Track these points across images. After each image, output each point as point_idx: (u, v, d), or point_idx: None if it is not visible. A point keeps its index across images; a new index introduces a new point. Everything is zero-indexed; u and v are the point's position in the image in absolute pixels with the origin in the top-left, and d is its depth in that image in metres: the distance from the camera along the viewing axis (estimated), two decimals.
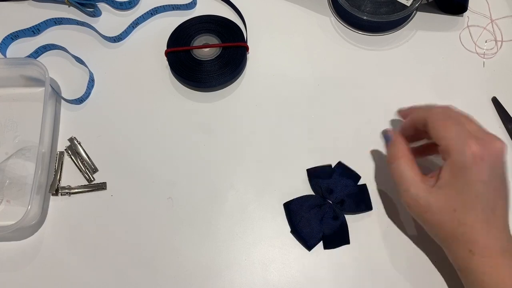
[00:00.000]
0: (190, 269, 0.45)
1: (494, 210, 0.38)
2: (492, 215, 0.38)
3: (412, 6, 0.53)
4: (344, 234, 0.46)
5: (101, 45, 0.56)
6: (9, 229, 0.43)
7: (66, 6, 0.58)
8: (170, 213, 0.47)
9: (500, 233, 0.38)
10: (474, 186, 0.37)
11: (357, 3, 0.53)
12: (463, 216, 0.37)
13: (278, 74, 0.54)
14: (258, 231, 0.47)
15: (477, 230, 0.37)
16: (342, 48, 0.55)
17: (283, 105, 0.52)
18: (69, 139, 0.50)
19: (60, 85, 0.53)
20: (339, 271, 0.45)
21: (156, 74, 0.54)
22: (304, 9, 0.57)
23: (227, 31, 0.54)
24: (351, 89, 0.53)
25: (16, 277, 0.45)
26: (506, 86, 0.52)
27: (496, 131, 0.50)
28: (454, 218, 0.38)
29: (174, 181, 0.49)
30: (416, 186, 0.39)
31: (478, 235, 0.37)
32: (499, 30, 0.55)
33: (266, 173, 0.49)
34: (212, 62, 0.52)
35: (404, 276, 0.44)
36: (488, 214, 0.37)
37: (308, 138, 0.50)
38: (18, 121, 0.51)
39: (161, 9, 0.57)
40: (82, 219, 0.47)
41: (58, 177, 0.49)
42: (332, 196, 0.47)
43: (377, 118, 0.51)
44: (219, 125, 0.51)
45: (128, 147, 0.50)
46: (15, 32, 0.55)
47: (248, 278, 0.45)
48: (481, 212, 0.37)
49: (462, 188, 0.37)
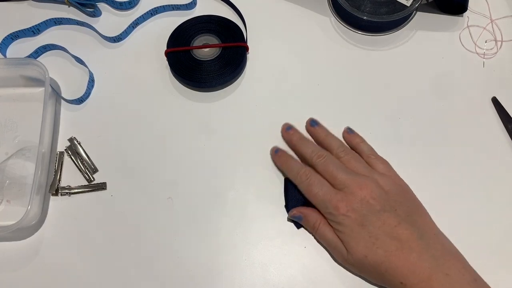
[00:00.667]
0: (190, 269, 0.45)
1: (398, 238, 0.39)
2: (400, 243, 0.39)
3: (412, 6, 0.53)
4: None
5: (101, 45, 0.56)
6: (9, 229, 0.43)
7: (66, 6, 0.58)
8: (170, 213, 0.47)
9: (419, 255, 0.39)
10: (359, 231, 0.40)
11: (357, 3, 0.53)
12: (375, 257, 0.39)
13: (278, 74, 0.54)
14: (258, 231, 0.47)
15: (395, 263, 0.39)
16: (342, 48, 0.55)
17: (283, 105, 0.52)
18: (69, 139, 0.50)
19: (60, 85, 0.53)
20: (339, 271, 0.45)
21: (156, 74, 0.54)
22: (304, 9, 0.57)
23: (227, 31, 0.54)
24: (351, 89, 0.53)
25: (16, 277, 0.45)
26: (506, 86, 0.52)
27: (496, 131, 0.50)
28: (370, 262, 0.40)
29: (174, 181, 0.49)
30: (339, 246, 0.42)
31: (400, 267, 0.38)
32: (499, 30, 0.55)
33: (266, 173, 0.49)
34: (212, 62, 0.52)
35: None
36: (395, 245, 0.39)
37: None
38: (18, 121, 0.51)
39: (161, 9, 0.57)
40: (82, 219, 0.47)
41: (58, 177, 0.49)
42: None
43: (377, 118, 0.51)
44: (219, 125, 0.51)
45: (128, 147, 0.50)
46: (15, 32, 0.55)
47: (248, 278, 0.45)
48: (386, 246, 0.39)
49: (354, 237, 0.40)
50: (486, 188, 0.48)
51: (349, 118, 0.51)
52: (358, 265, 0.41)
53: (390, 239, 0.39)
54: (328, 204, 0.42)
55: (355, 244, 0.40)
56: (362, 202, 0.41)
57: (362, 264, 0.41)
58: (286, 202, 0.47)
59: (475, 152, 0.49)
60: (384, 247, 0.39)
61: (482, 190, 0.48)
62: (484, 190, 0.48)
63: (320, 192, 0.42)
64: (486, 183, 0.48)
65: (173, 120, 0.51)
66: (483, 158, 0.49)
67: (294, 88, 0.53)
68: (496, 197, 0.47)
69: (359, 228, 0.40)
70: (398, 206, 0.41)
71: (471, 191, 0.47)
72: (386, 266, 0.39)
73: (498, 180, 0.48)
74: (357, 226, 0.40)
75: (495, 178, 0.48)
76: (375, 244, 0.39)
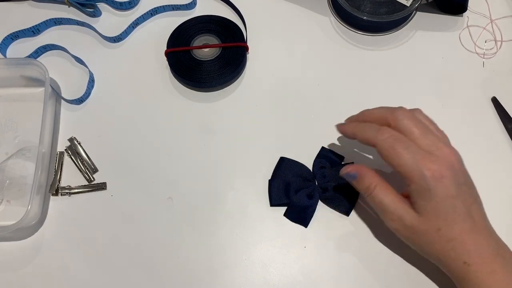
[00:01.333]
0: (190, 269, 0.45)
1: (473, 217, 0.38)
2: (473, 222, 0.38)
3: (412, 6, 0.53)
4: (306, 216, 0.46)
5: (101, 45, 0.56)
6: (9, 229, 0.43)
7: (66, 6, 0.58)
8: (170, 213, 0.47)
9: (486, 237, 0.38)
10: (447, 202, 0.37)
11: (357, 3, 0.53)
12: (449, 232, 0.38)
13: (278, 74, 0.54)
14: (258, 231, 0.47)
15: (466, 241, 0.38)
16: (342, 48, 0.55)
17: (283, 105, 0.52)
18: (69, 139, 0.50)
19: (60, 85, 0.53)
20: (339, 271, 0.45)
21: (156, 74, 0.54)
22: (304, 9, 0.57)
23: (227, 31, 0.54)
24: (351, 89, 0.53)
25: (16, 277, 0.45)
26: (506, 86, 0.52)
27: (496, 131, 0.50)
28: (441, 236, 0.38)
29: (174, 181, 0.49)
30: (398, 211, 0.39)
31: (469, 246, 0.38)
32: (498, 30, 0.55)
33: (266, 173, 0.49)
34: (212, 62, 0.52)
35: (404, 276, 0.44)
36: (470, 223, 0.38)
37: (308, 138, 0.50)
38: (18, 121, 0.51)
39: (161, 9, 0.57)
40: (82, 219, 0.47)
41: (58, 177, 0.49)
42: (322, 181, 0.47)
43: None
44: (219, 125, 0.51)
45: (128, 147, 0.50)
46: (15, 32, 0.55)
47: (248, 278, 0.45)
48: (464, 222, 0.38)
49: (437, 207, 0.37)
50: (486, 188, 0.47)
51: None
52: (422, 236, 0.39)
53: (468, 216, 0.38)
54: (417, 165, 0.37)
55: (435, 214, 0.37)
56: (452, 169, 0.37)
57: (428, 235, 0.38)
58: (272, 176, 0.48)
59: (475, 152, 0.49)
60: (461, 224, 0.37)
61: (482, 190, 0.47)
62: (484, 190, 0.47)
63: (407, 151, 0.38)
64: (486, 183, 0.48)
65: (173, 120, 0.51)
66: (483, 158, 0.49)
67: (294, 88, 0.53)
68: (496, 197, 0.47)
69: (448, 199, 0.37)
70: (470, 183, 0.40)
71: None
72: (455, 244, 0.37)
73: (498, 180, 0.48)
74: (447, 196, 0.37)
75: (495, 178, 0.48)
76: (455, 220, 0.37)
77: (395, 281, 0.44)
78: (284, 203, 0.47)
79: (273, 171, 0.48)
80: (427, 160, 0.37)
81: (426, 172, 0.37)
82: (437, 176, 0.37)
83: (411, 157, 0.38)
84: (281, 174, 0.48)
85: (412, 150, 0.38)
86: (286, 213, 0.47)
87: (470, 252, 0.37)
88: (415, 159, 0.37)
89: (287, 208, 0.47)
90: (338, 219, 0.47)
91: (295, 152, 0.49)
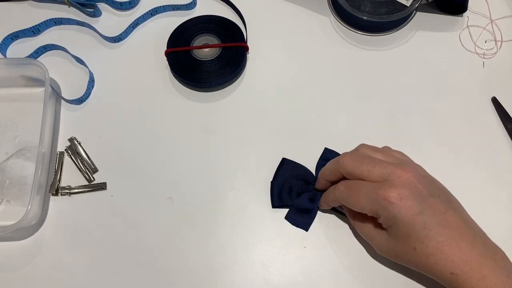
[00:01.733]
0: (190, 269, 0.45)
1: (448, 226, 0.38)
2: (451, 231, 0.37)
3: (412, 6, 0.53)
4: (307, 221, 0.46)
5: (101, 45, 0.56)
6: (9, 229, 0.43)
7: (66, 6, 0.58)
8: (170, 213, 0.47)
9: (471, 242, 0.37)
10: (414, 222, 0.37)
11: (357, 3, 0.53)
12: (425, 249, 0.38)
13: (278, 74, 0.54)
14: (258, 231, 0.47)
15: (447, 253, 0.37)
16: (342, 48, 0.55)
17: (283, 105, 0.52)
18: (69, 139, 0.50)
19: (60, 85, 0.53)
20: (339, 271, 0.45)
21: (156, 74, 0.54)
22: (304, 9, 0.57)
23: (227, 31, 0.54)
24: (351, 89, 0.53)
25: (16, 277, 0.45)
26: (506, 86, 0.52)
27: (496, 131, 0.50)
28: (419, 254, 0.38)
29: (174, 181, 0.49)
30: (376, 240, 0.41)
31: (452, 256, 0.37)
32: (498, 30, 0.55)
33: (266, 173, 0.49)
34: (212, 62, 0.52)
35: (404, 276, 0.44)
36: (446, 233, 0.37)
37: (308, 138, 0.50)
38: (18, 121, 0.51)
39: (161, 9, 0.57)
40: (82, 219, 0.47)
41: (58, 177, 0.49)
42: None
43: (377, 118, 0.51)
44: (219, 125, 0.51)
45: (128, 147, 0.50)
46: (15, 32, 0.55)
47: (248, 278, 0.45)
48: (438, 236, 0.37)
49: (407, 229, 0.38)
50: (486, 188, 0.48)
51: (349, 118, 0.51)
52: (403, 256, 0.39)
53: (441, 228, 0.37)
54: (374, 201, 0.38)
55: (406, 236, 0.38)
56: (411, 187, 0.37)
57: (407, 255, 0.39)
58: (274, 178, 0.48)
59: (475, 152, 0.49)
60: (436, 238, 0.37)
61: (482, 190, 0.48)
62: (484, 190, 0.48)
63: (361, 193, 0.39)
64: (486, 183, 0.48)
65: (173, 120, 0.51)
66: (483, 158, 0.49)
67: (294, 88, 0.53)
68: (496, 197, 0.47)
69: (413, 218, 0.37)
70: (439, 191, 0.39)
71: (471, 191, 0.47)
72: (436, 258, 0.37)
73: (498, 180, 0.48)
74: (412, 215, 0.37)
75: (495, 178, 0.48)
76: (428, 235, 0.37)
77: (395, 281, 0.44)
78: (286, 205, 0.47)
79: (274, 173, 0.48)
80: (381, 190, 0.38)
81: (383, 203, 0.37)
82: (395, 201, 0.37)
83: (365, 196, 0.39)
84: (283, 176, 0.48)
85: (366, 189, 0.39)
86: (287, 217, 0.47)
87: (454, 263, 0.37)
88: (370, 197, 0.38)
89: (288, 211, 0.47)
90: (338, 219, 0.47)
91: (295, 152, 0.49)
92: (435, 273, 0.38)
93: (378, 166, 0.39)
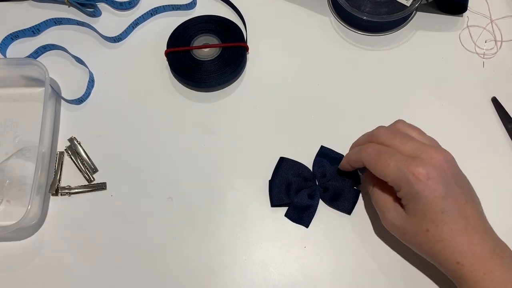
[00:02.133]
0: (190, 269, 0.45)
1: (466, 216, 0.38)
2: (467, 222, 0.38)
3: (412, 6, 0.53)
4: (307, 217, 0.46)
5: (101, 45, 0.56)
6: (9, 229, 0.43)
7: (66, 6, 0.58)
8: (170, 213, 0.47)
9: (482, 236, 0.38)
10: (435, 204, 0.37)
11: (357, 3, 0.53)
12: (437, 233, 0.38)
13: (278, 74, 0.54)
14: (258, 231, 0.47)
15: (458, 242, 0.37)
16: (342, 48, 0.55)
17: (283, 105, 0.52)
18: (69, 139, 0.50)
19: (60, 85, 0.53)
20: (339, 271, 0.45)
21: (156, 74, 0.54)
22: (304, 9, 0.57)
23: (227, 31, 0.54)
24: (351, 89, 0.53)
25: (16, 277, 0.45)
26: (506, 86, 0.52)
27: (496, 131, 0.50)
28: (429, 237, 0.38)
29: (174, 181, 0.49)
30: (391, 212, 0.41)
31: (461, 246, 0.37)
32: (498, 30, 0.55)
33: (266, 172, 0.49)
34: (212, 62, 0.52)
35: (404, 276, 0.44)
36: (462, 223, 0.37)
37: (308, 138, 0.50)
38: (18, 121, 0.51)
39: (161, 9, 0.57)
40: (82, 219, 0.47)
41: (58, 177, 0.49)
42: (322, 180, 0.47)
43: (377, 118, 0.51)
44: (219, 125, 0.51)
45: (128, 147, 0.50)
46: (15, 32, 0.55)
47: (248, 278, 0.45)
48: (454, 223, 0.37)
49: (425, 209, 0.38)
50: (486, 188, 0.48)
51: (349, 118, 0.51)
52: (412, 237, 0.39)
53: (459, 217, 0.37)
54: (402, 171, 0.37)
55: (423, 216, 0.38)
56: (440, 170, 0.37)
57: (417, 236, 0.39)
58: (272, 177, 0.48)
59: (475, 152, 0.49)
60: (451, 225, 0.37)
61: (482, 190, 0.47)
62: (484, 190, 0.47)
63: (390, 160, 0.38)
64: (486, 183, 0.48)
65: (173, 120, 0.51)
66: (483, 158, 0.49)
67: (294, 88, 0.53)
68: (497, 197, 0.47)
69: (435, 200, 0.37)
70: (463, 183, 0.39)
71: None
72: (445, 245, 0.37)
73: (498, 180, 0.48)
74: (434, 197, 0.37)
75: (495, 178, 0.48)
76: (443, 221, 0.37)
77: (396, 281, 0.44)
78: (285, 204, 0.47)
79: (273, 172, 0.48)
80: (412, 164, 0.37)
81: (410, 177, 0.37)
82: (422, 178, 0.37)
83: (394, 164, 0.38)
84: (281, 174, 0.48)
85: (396, 158, 0.38)
86: (287, 213, 0.47)
87: (462, 253, 0.37)
88: (399, 166, 0.38)
89: (288, 208, 0.47)
90: (338, 219, 0.47)
91: (295, 152, 0.49)
92: (440, 259, 0.38)
93: (412, 142, 0.39)
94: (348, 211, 0.47)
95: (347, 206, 0.46)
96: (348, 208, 0.46)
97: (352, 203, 0.47)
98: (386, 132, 0.41)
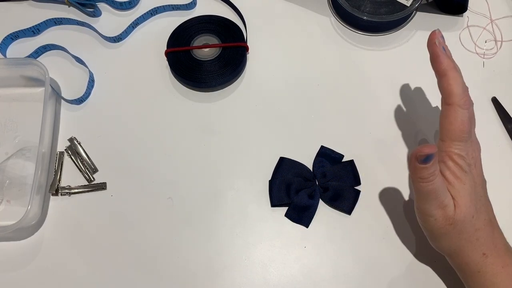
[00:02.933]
0: (190, 269, 0.45)
1: (488, 209, 0.39)
2: (489, 215, 0.39)
3: (412, 6, 0.53)
4: (307, 216, 0.46)
5: (101, 45, 0.56)
6: (9, 229, 0.43)
7: (66, 6, 0.58)
8: (170, 213, 0.47)
9: (499, 230, 0.39)
10: (476, 189, 0.38)
11: (357, 3, 0.53)
12: (477, 221, 0.38)
13: (278, 74, 0.54)
14: (258, 231, 0.47)
15: (487, 233, 0.38)
16: (342, 48, 0.55)
17: (283, 105, 0.52)
18: (69, 139, 0.50)
19: (60, 85, 0.53)
20: (339, 271, 0.45)
21: (156, 74, 0.54)
22: (304, 9, 0.57)
23: (227, 31, 0.54)
24: (351, 89, 0.53)
25: (16, 277, 0.45)
26: (506, 86, 0.52)
27: (496, 131, 0.50)
28: (472, 224, 0.38)
29: (174, 181, 0.49)
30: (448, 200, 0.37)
31: (488, 237, 0.38)
32: (498, 30, 0.55)
33: (266, 172, 0.49)
34: (212, 62, 0.52)
35: (404, 275, 0.44)
36: (489, 215, 0.39)
37: (308, 138, 0.50)
38: (18, 121, 0.51)
39: (161, 9, 0.57)
40: (82, 219, 0.47)
41: (58, 177, 0.49)
42: (322, 180, 0.47)
43: (377, 119, 0.51)
44: (219, 125, 0.51)
45: (128, 147, 0.50)
46: (15, 32, 0.55)
47: (248, 278, 0.45)
48: (486, 214, 0.38)
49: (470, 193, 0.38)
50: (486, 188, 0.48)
51: (349, 118, 0.51)
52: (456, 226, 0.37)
53: (487, 208, 0.39)
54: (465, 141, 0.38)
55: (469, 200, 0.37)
56: (477, 160, 0.39)
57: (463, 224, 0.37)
58: (272, 177, 0.48)
59: None
60: (484, 214, 0.38)
61: None
62: None
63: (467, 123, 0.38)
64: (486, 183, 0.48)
65: (173, 120, 0.51)
66: (483, 158, 0.49)
67: (294, 88, 0.53)
68: (497, 197, 0.47)
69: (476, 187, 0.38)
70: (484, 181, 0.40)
71: None
72: (480, 234, 0.38)
73: (498, 180, 0.48)
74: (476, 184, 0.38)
75: (495, 178, 0.48)
76: (481, 209, 0.38)
77: (396, 281, 0.44)
78: (285, 204, 0.47)
79: (273, 172, 0.48)
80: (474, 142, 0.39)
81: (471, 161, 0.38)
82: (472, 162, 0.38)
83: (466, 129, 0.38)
84: (281, 174, 0.48)
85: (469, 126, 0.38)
86: (287, 213, 0.47)
87: (488, 244, 0.38)
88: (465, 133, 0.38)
89: (288, 208, 0.47)
90: (338, 219, 0.47)
91: (295, 152, 0.49)
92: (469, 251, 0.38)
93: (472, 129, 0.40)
94: (348, 211, 0.47)
95: (347, 206, 0.46)
96: (348, 208, 0.46)
97: (352, 203, 0.47)
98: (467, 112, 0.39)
